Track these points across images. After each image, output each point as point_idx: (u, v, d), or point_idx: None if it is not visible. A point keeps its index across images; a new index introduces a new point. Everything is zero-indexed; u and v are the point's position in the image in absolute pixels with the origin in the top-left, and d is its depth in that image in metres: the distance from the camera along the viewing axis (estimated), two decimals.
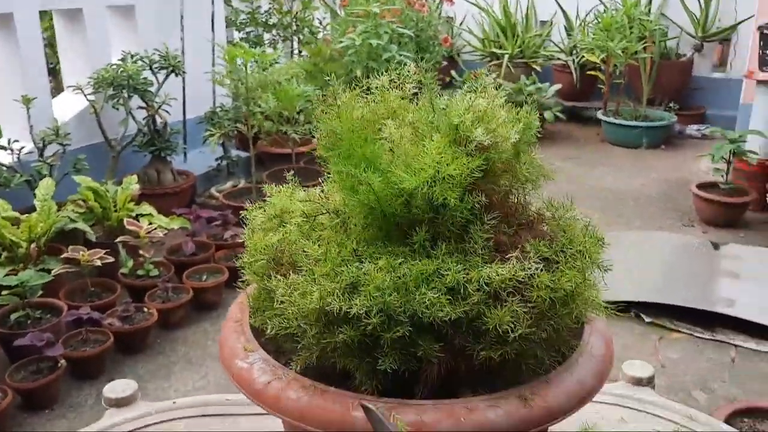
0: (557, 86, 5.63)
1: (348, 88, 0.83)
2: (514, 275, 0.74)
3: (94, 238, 2.96)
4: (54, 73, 4.25)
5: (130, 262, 2.91)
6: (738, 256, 3.42)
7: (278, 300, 0.76)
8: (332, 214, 0.84)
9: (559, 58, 6.31)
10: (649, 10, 5.94)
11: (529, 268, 0.75)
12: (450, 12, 6.85)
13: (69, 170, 3.16)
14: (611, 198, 4.35)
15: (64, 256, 2.71)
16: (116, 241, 2.91)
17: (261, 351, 0.78)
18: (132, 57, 3.64)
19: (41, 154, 3.19)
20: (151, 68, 3.68)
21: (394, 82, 0.89)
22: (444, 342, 0.74)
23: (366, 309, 0.70)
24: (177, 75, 3.79)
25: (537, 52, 6.29)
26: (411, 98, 0.88)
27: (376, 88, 0.88)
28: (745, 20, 5.64)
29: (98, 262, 2.72)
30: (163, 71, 3.73)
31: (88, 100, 3.52)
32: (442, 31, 6.02)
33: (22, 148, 3.12)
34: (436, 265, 0.75)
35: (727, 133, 3.90)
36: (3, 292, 2.47)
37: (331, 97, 0.82)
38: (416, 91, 0.90)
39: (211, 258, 3.16)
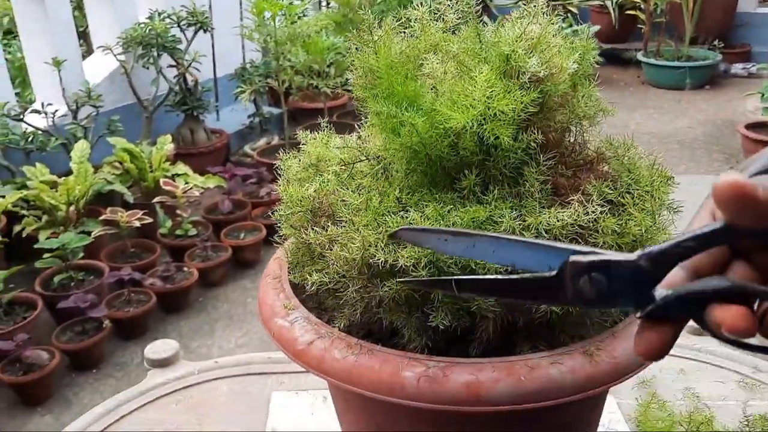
0: (596, 28, 5.38)
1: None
2: (576, 220, 0.66)
3: (131, 200, 2.96)
4: (85, 36, 4.22)
5: (169, 222, 2.91)
6: None
7: (318, 254, 0.71)
8: (372, 161, 0.77)
9: None
10: None
11: (593, 212, 0.67)
12: None
13: (103, 132, 3.14)
14: (654, 142, 4.18)
15: (103, 218, 2.72)
16: (153, 201, 2.91)
17: (302, 308, 0.73)
18: (159, 15, 3.58)
19: (75, 117, 3.18)
20: (179, 25, 3.62)
21: (435, 13, 0.80)
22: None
23: (414, 261, 0.64)
24: (205, 31, 3.72)
25: None
26: (453, 31, 0.80)
27: (415, 20, 0.79)
28: None
29: (137, 223, 2.72)
30: (192, 28, 3.66)
31: (118, 60, 3.49)
32: None
33: (56, 111, 3.11)
34: (489, 212, 0.68)
35: None
36: (45, 255, 2.50)
37: (366, 32, 0.74)
38: (459, 23, 0.82)
39: (248, 216, 3.14)
